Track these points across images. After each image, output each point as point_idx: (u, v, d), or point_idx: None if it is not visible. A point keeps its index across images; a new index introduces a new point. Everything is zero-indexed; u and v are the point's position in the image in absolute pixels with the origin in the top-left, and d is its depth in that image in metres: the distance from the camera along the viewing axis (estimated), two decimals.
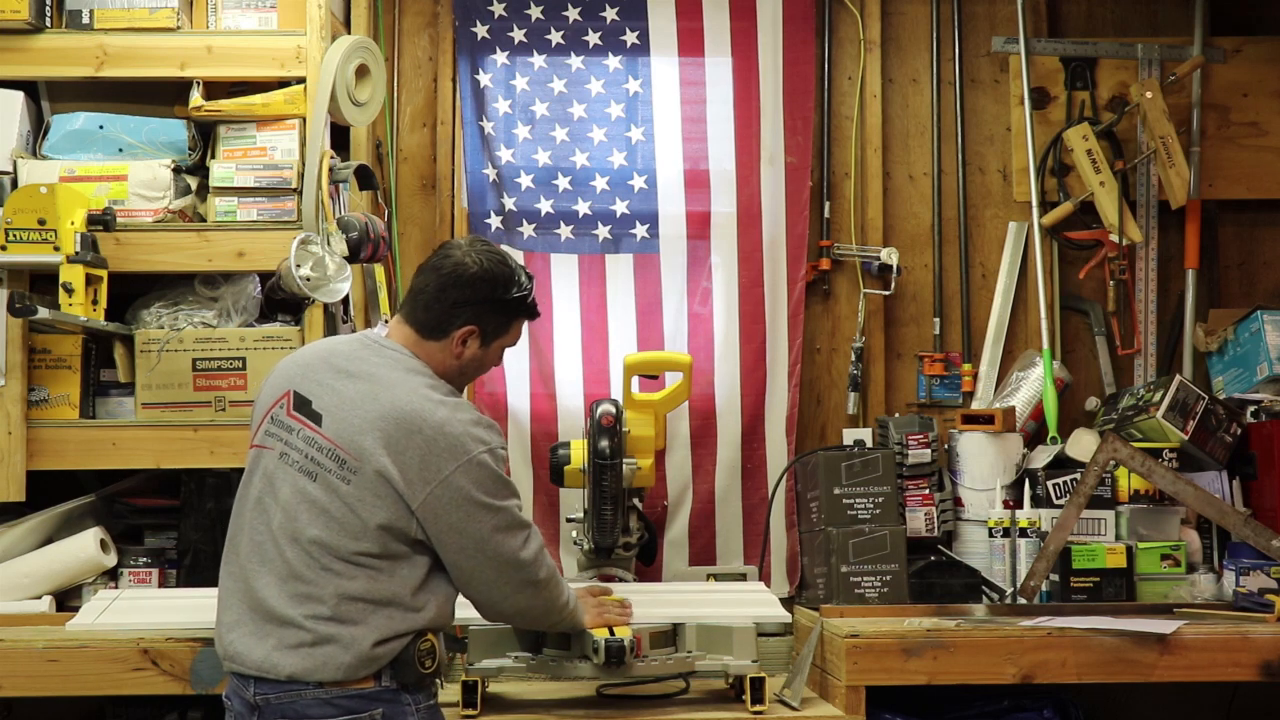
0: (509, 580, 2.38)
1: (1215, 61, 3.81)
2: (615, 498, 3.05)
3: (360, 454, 2.28)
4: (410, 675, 2.27)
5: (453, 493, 2.28)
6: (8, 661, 2.68)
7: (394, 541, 2.28)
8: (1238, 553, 3.17)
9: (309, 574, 2.25)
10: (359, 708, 2.24)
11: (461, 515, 2.29)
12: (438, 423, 2.30)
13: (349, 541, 2.26)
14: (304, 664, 2.22)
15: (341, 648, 2.22)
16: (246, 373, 3.11)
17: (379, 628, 2.25)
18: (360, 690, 2.24)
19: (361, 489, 2.27)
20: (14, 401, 3.05)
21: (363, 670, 2.23)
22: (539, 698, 2.89)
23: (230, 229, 3.14)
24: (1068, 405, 3.69)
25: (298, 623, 2.23)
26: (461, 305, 2.39)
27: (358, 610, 2.25)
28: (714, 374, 3.69)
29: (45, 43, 3.16)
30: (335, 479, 2.28)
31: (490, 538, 2.32)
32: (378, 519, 2.26)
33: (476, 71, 3.74)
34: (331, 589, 2.24)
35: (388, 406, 2.31)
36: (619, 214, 3.73)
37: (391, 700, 2.26)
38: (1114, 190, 3.65)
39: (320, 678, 2.22)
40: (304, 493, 2.30)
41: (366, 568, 2.26)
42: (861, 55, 3.84)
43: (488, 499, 2.31)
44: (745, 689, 2.71)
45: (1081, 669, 2.74)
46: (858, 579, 3.15)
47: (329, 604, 2.23)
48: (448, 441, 2.29)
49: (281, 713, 2.24)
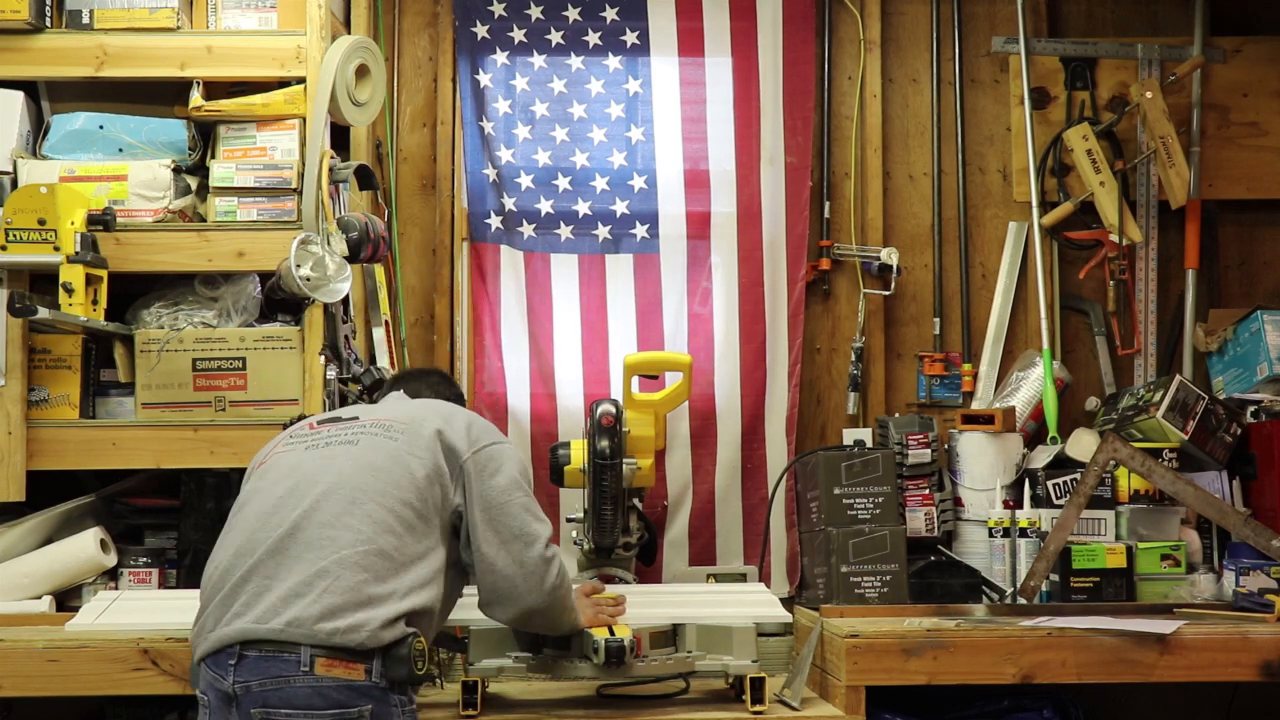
0: (529, 573, 2.41)
1: (1215, 61, 3.81)
2: (615, 498, 3.05)
3: (410, 422, 2.45)
4: (402, 671, 2.24)
5: (495, 459, 2.44)
6: (8, 661, 2.67)
7: (430, 506, 2.35)
8: (1238, 553, 3.17)
9: (348, 519, 2.28)
10: (348, 701, 2.20)
11: (503, 480, 2.43)
12: (472, 414, 2.56)
13: (391, 488, 2.33)
14: (332, 602, 2.20)
15: (371, 607, 2.22)
16: (246, 373, 3.11)
17: (401, 592, 2.26)
18: (350, 681, 2.20)
19: (411, 442, 2.40)
20: (14, 401, 3.05)
21: (386, 635, 2.21)
22: (539, 698, 2.89)
23: (230, 229, 3.14)
24: (1068, 405, 3.69)
25: (329, 572, 2.22)
26: (450, 399, 2.72)
27: (386, 567, 2.26)
28: (714, 374, 3.69)
29: (45, 43, 3.16)
30: (382, 439, 2.41)
31: (517, 514, 2.42)
32: (424, 469, 2.37)
33: (476, 71, 3.74)
34: (369, 531, 2.27)
35: (430, 403, 2.59)
36: (619, 214, 3.74)
37: (380, 698, 2.23)
38: (1114, 190, 3.65)
39: (337, 626, 2.19)
40: (344, 454, 2.39)
41: (402, 520, 2.31)
42: (861, 55, 3.84)
43: (518, 476, 2.47)
44: (745, 689, 2.71)
45: (1081, 669, 2.74)
46: (858, 579, 3.15)
47: (361, 549, 2.25)
48: (485, 424, 2.53)
49: (265, 700, 2.18)
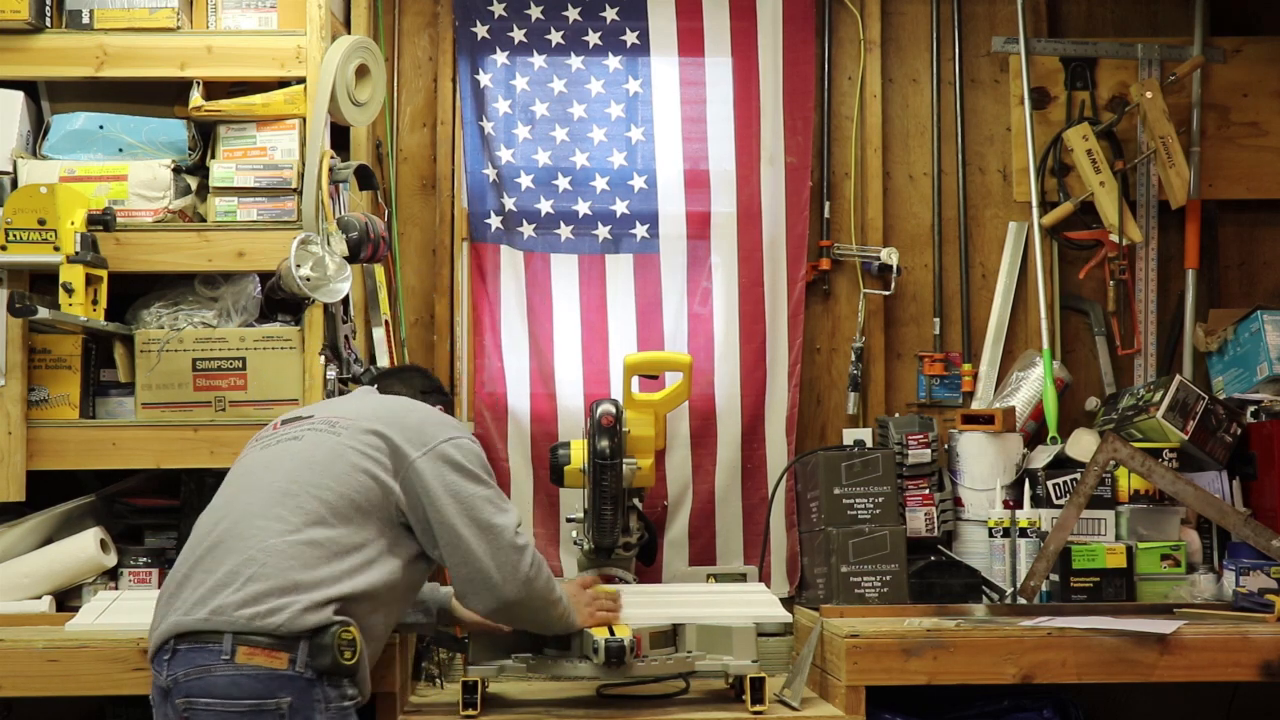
0: (501, 562, 2.42)
1: (1215, 61, 3.81)
2: (615, 498, 3.05)
3: (357, 418, 2.46)
4: (325, 660, 2.21)
5: (446, 458, 2.42)
6: (8, 661, 2.67)
7: (370, 499, 2.35)
8: (1238, 553, 3.17)
9: (278, 510, 2.30)
10: (266, 691, 2.18)
11: (455, 479, 2.41)
12: (431, 410, 2.58)
13: (327, 480, 2.33)
14: (256, 589, 2.20)
15: (296, 592, 2.21)
16: (246, 373, 3.11)
17: (331, 579, 2.25)
18: (272, 670, 2.19)
19: (353, 437, 2.41)
20: (14, 401, 3.05)
21: (310, 619, 2.19)
22: (539, 698, 2.89)
23: (230, 229, 3.14)
24: (1068, 405, 3.69)
25: (255, 560, 2.24)
26: (428, 391, 2.79)
27: (316, 555, 2.26)
28: (714, 374, 3.68)
29: (45, 43, 3.16)
30: (325, 434, 2.42)
31: (482, 506, 2.42)
32: (364, 463, 2.37)
33: (476, 71, 3.74)
34: (298, 521, 2.28)
35: (388, 400, 2.61)
36: (619, 214, 3.73)
37: (303, 690, 2.20)
38: (1114, 190, 3.65)
39: (255, 613, 2.19)
40: (287, 451, 2.42)
41: (336, 512, 2.31)
42: (861, 55, 3.84)
43: (477, 470, 2.46)
44: (745, 689, 2.71)
45: (1081, 669, 2.74)
46: (858, 579, 3.15)
47: (290, 538, 2.26)
48: (440, 419, 2.53)
49: (188, 691, 2.20)
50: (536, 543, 3.63)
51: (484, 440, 3.64)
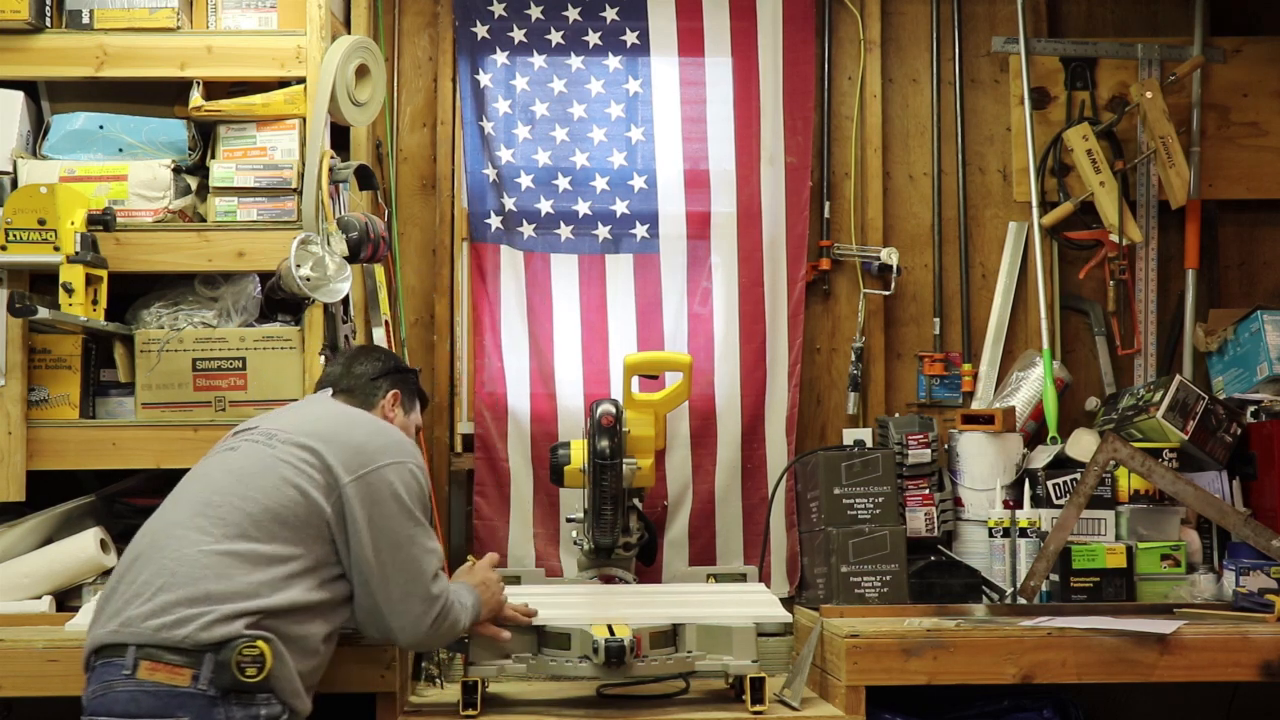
0: (404, 611, 2.37)
1: (1215, 61, 3.81)
2: (615, 498, 3.05)
3: (295, 432, 2.40)
4: (225, 678, 2.13)
5: (384, 485, 2.36)
6: (8, 661, 2.67)
7: (299, 513, 2.29)
8: (1238, 553, 3.17)
9: (199, 521, 2.26)
10: (164, 709, 2.11)
11: (388, 510, 2.35)
12: (380, 426, 2.50)
13: (253, 493, 2.28)
14: (166, 599, 2.16)
15: (206, 603, 2.16)
16: (246, 373, 3.11)
17: (248, 592, 2.19)
18: (173, 686, 2.12)
19: (287, 451, 2.35)
20: (14, 401, 3.05)
21: (217, 631, 2.14)
22: (539, 698, 2.89)
23: (230, 229, 3.14)
24: (1068, 405, 3.69)
25: (167, 569, 2.20)
26: (379, 376, 2.71)
27: (233, 567, 2.21)
28: (714, 374, 3.68)
29: (45, 43, 3.16)
30: (261, 447, 2.38)
31: (409, 545, 2.37)
32: (294, 478, 2.31)
33: (476, 71, 3.74)
34: (218, 532, 2.24)
35: (334, 410, 2.54)
36: (619, 214, 3.73)
37: (204, 708, 2.13)
38: (1114, 190, 3.65)
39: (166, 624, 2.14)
40: (221, 463, 2.39)
41: (260, 525, 2.26)
42: (861, 55, 3.84)
43: (412, 507, 2.39)
44: (745, 689, 2.71)
45: (1081, 669, 2.74)
46: (858, 579, 3.15)
47: (207, 548, 2.21)
48: (385, 440, 2.44)
49: (93, 709, 2.16)
50: (536, 542, 3.63)
51: (484, 440, 3.64)
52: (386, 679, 2.65)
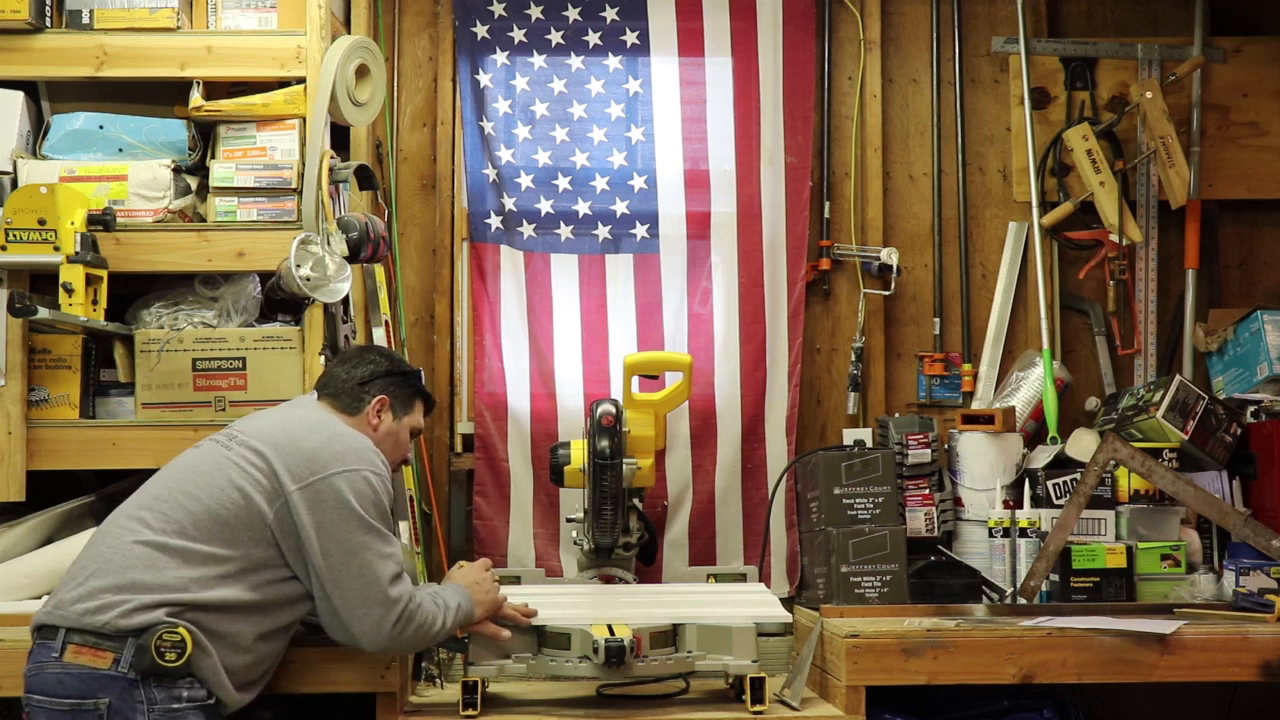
0: (363, 616, 2.37)
1: (1215, 61, 3.81)
2: (615, 498, 3.05)
3: (251, 436, 2.43)
4: (145, 661, 2.20)
5: (332, 493, 2.36)
6: (8, 661, 2.66)
7: (241, 516, 2.32)
8: (1238, 553, 3.17)
9: (143, 514, 2.32)
10: (87, 691, 2.19)
11: (336, 517, 2.36)
12: (337, 433, 2.47)
13: (198, 492, 2.33)
14: (96, 585, 2.23)
15: (132, 591, 2.22)
16: (246, 373, 3.11)
17: (176, 585, 2.24)
18: (94, 669, 2.19)
19: (240, 455, 2.39)
20: (14, 401, 3.05)
21: (137, 619, 2.20)
22: (539, 698, 2.89)
23: (230, 229, 3.14)
24: (1068, 405, 3.69)
25: (101, 556, 2.28)
26: (369, 380, 2.65)
27: (165, 560, 2.27)
28: (714, 374, 3.68)
29: (45, 43, 3.16)
30: (219, 448, 2.42)
31: (361, 551, 2.36)
32: (238, 482, 2.35)
33: (476, 71, 3.74)
34: (158, 525, 2.30)
35: (299, 415, 2.53)
36: (619, 214, 3.73)
37: (124, 691, 2.20)
38: (1114, 190, 3.65)
39: (88, 611, 2.21)
40: (181, 461, 2.45)
41: (199, 523, 2.30)
42: (861, 55, 3.84)
43: (364, 514, 2.38)
44: (745, 689, 2.71)
45: (1081, 669, 2.74)
46: (858, 579, 3.14)
47: (144, 538, 2.28)
48: (342, 447, 2.44)
49: (29, 686, 2.25)
50: (536, 542, 3.63)
51: (484, 440, 3.64)
52: (386, 679, 2.65)
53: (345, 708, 2.71)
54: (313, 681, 2.63)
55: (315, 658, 2.63)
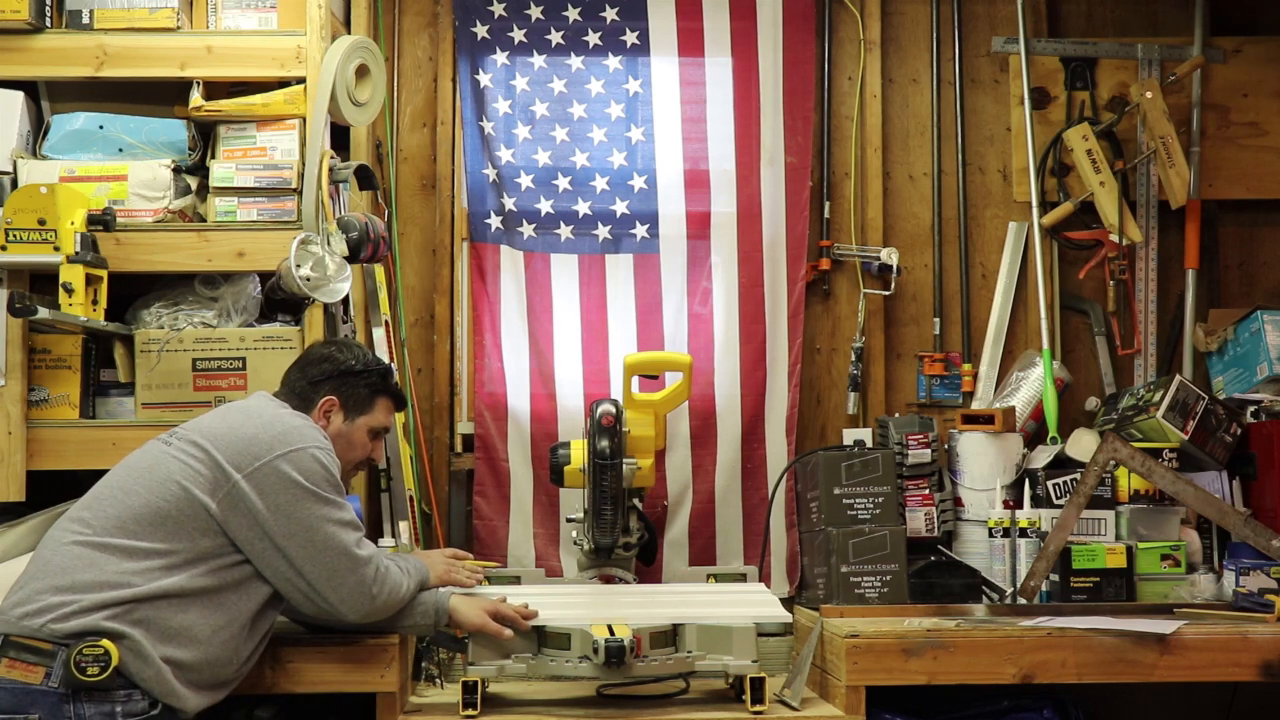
0: (339, 584, 2.39)
1: (1215, 61, 3.81)
2: (615, 498, 3.05)
3: (192, 430, 2.43)
4: (70, 677, 2.16)
5: (278, 476, 2.37)
6: None
7: (184, 510, 2.31)
8: (1238, 553, 3.17)
9: (84, 514, 2.32)
10: (18, 706, 2.16)
11: (289, 498, 2.36)
12: (276, 416, 2.48)
13: (139, 489, 2.33)
14: (36, 586, 2.22)
15: (71, 591, 2.21)
16: (246, 373, 3.11)
17: (116, 582, 2.23)
18: (26, 684, 2.17)
19: (180, 450, 2.38)
20: (14, 401, 3.05)
21: (73, 623, 2.18)
22: (539, 698, 2.89)
23: (230, 229, 3.14)
24: (1068, 405, 3.69)
25: (41, 558, 2.29)
26: (320, 380, 2.62)
27: (103, 559, 2.25)
28: (714, 374, 3.68)
29: (45, 43, 3.16)
30: (161, 445, 2.42)
31: (321, 525, 2.38)
32: (177, 476, 2.34)
33: (476, 71, 3.74)
34: (97, 524, 2.29)
35: (242, 407, 2.53)
36: (619, 214, 3.73)
37: (54, 706, 2.17)
38: (1114, 190, 3.65)
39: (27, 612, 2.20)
40: (126, 460, 2.44)
41: (140, 519, 2.30)
42: (861, 55, 3.84)
43: (316, 489, 2.39)
44: (745, 689, 2.70)
45: (1081, 669, 2.74)
46: (858, 579, 3.14)
47: (83, 537, 2.27)
48: (282, 428, 2.44)
49: None
50: (536, 542, 3.63)
51: (484, 440, 3.64)
52: (386, 679, 2.65)
53: (345, 708, 2.71)
54: (312, 681, 2.63)
55: (315, 658, 2.63)
